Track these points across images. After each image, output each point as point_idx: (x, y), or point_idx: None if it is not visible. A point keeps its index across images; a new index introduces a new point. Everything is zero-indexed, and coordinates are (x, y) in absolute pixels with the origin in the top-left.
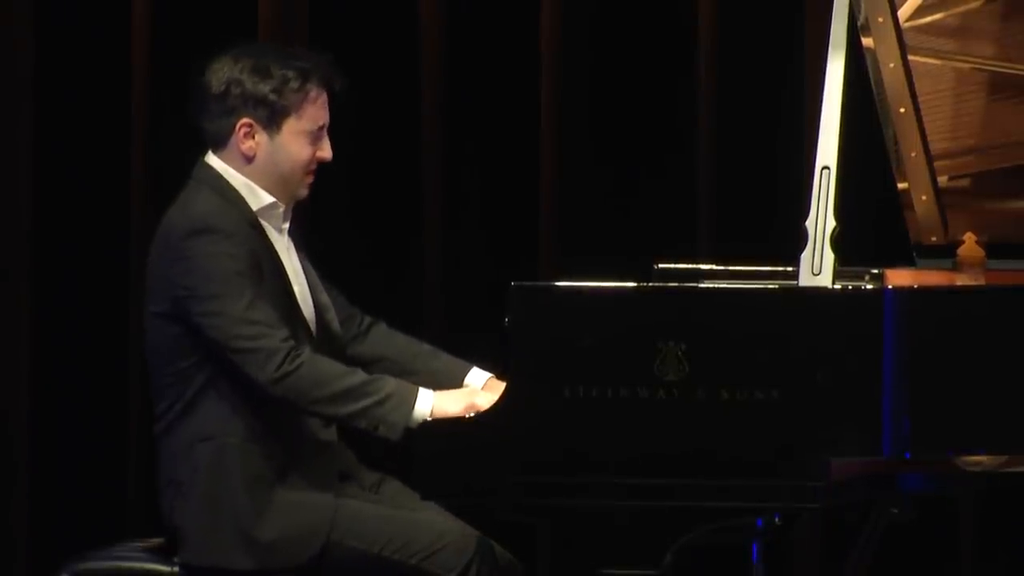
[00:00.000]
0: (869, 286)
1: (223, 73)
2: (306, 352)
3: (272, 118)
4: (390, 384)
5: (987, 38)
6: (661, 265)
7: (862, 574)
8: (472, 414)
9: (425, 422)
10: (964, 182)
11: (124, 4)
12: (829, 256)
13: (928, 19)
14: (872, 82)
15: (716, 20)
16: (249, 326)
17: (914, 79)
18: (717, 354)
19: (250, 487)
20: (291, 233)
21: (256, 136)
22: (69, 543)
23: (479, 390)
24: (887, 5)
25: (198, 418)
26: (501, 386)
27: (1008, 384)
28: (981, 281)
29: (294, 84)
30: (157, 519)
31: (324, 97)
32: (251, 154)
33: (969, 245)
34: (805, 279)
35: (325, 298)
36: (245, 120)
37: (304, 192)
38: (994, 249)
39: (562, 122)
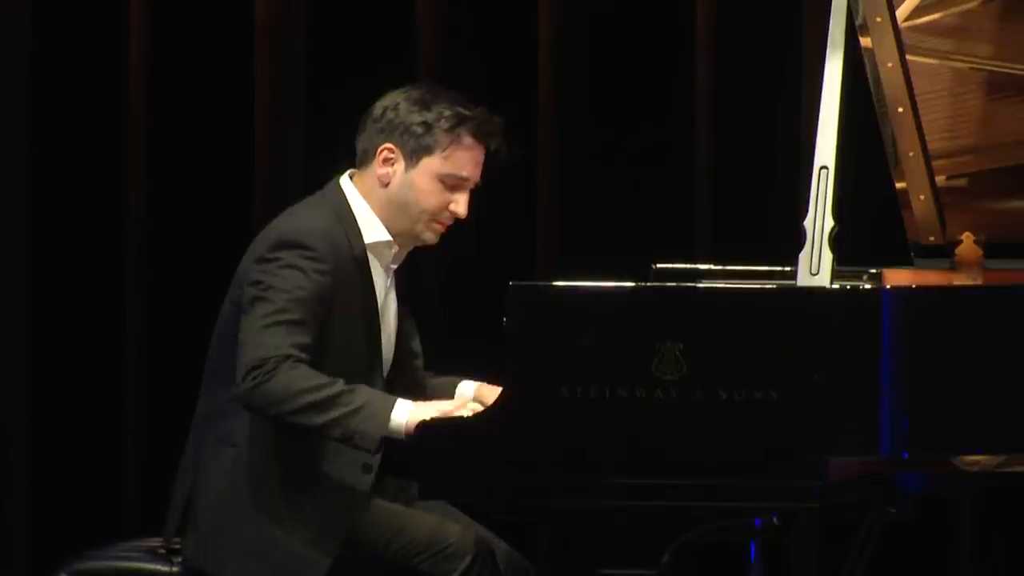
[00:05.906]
0: (867, 286)
1: (389, 99)
2: (286, 364)
3: (414, 151)
4: (365, 395)
5: (985, 38)
6: (659, 265)
7: (860, 574)
8: (470, 413)
9: (424, 422)
10: (962, 182)
11: (122, 4)
12: (827, 256)
13: (926, 19)
14: (870, 82)
15: (715, 20)
16: (262, 337)
17: (912, 79)
18: (715, 354)
19: (258, 506)
20: (396, 275)
21: (395, 164)
22: (69, 543)
23: (464, 401)
24: (885, 5)
25: (234, 419)
26: (495, 391)
27: (1006, 384)
28: (979, 281)
29: (446, 124)
30: (162, 511)
31: (478, 152)
32: (386, 181)
33: (967, 245)
34: (803, 279)
35: (416, 346)
36: (388, 144)
37: (430, 237)
38: (992, 249)
39: (560, 121)
